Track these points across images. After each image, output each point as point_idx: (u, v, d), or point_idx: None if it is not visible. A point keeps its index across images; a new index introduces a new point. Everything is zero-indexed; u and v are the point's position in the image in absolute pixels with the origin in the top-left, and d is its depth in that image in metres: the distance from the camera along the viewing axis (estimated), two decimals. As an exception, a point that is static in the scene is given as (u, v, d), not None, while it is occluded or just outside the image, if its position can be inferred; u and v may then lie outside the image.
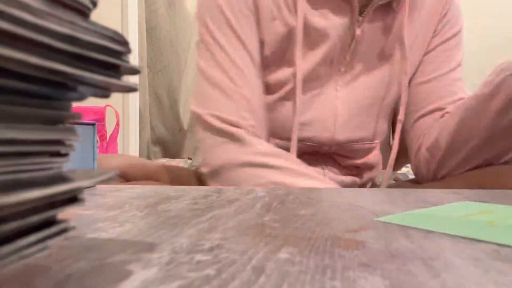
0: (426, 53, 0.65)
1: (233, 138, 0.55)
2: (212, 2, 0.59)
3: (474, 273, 0.15)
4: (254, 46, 0.59)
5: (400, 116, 0.64)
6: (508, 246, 0.19)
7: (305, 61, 0.60)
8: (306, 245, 0.19)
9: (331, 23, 0.59)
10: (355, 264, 0.16)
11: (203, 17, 0.60)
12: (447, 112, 0.62)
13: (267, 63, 0.61)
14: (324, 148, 0.63)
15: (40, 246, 0.12)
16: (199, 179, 0.65)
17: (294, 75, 0.60)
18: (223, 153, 0.55)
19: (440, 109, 0.63)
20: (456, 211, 0.28)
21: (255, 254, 0.17)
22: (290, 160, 0.54)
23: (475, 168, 0.56)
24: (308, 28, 0.59)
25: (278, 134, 0.62)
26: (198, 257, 0.17)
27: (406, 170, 1.20)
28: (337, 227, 0.22)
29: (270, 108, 0.62)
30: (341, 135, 0.62)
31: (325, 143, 0.63)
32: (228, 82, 0.57)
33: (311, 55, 0.60)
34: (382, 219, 0.25)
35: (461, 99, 0.62)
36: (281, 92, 0.61)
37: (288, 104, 0.61)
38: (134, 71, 0.15)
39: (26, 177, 0.12)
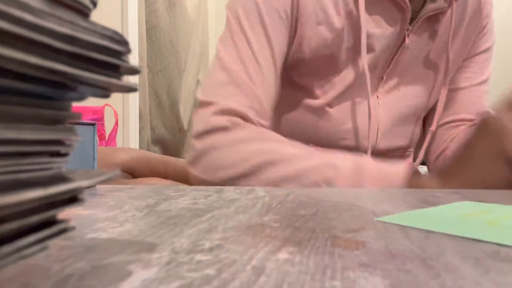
0: (462, 61, 0.66)
1: (233, 126, 0.51)
2: None
3: (474, 273, 0.15)
4: (279, 50, 0.56)
5: (433, 127, 0.64)
6: (508, 246, 0.19)
7: (351, 67, 0.59)
8: (306, 245, 0.19)
9: (383, 30, 0.58)
10: (355, 264, 0.16)
11: (235, 5, 0.57)
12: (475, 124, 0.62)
13: (311, 70, 0.59)
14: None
15: (40, 246, 0.12)
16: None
17: (340, 81, 0.59)
18: (218, 138, 0.51)
19: (469, 119, 0.64)
20: (456, 211, 0.28)
21: (255, 254, 0.17)
22: (282, 140, 0.51)
23: None
24: (360, 34, 0.57)
25: (319, 142, 0.61)
26: (198, 257, 0.17)
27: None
28: (337, 227, 0.22)
29: (313, 115, 0.61)
30: (382, 144, 0.62)
31: (366, 152, 0.61)
32: (244, 77, 0.54)
33: (358, 61, 0.59)
34: (382, 219, 0.25)
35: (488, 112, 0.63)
36: (326, 99, 0.60)
37: (332, 111, 0.60)
38: (134, 71, 0.15)
39: (26, 177, 0.12)
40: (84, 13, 0.13)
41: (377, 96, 0.61)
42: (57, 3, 0.12)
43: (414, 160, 0.68)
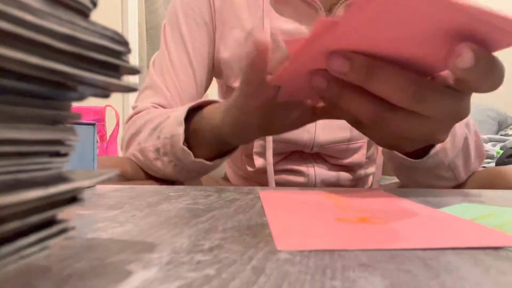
0: None
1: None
2: (172, 7, 0.67)
3: (474, 273, 0.15)
4: (198, 55, 0.64)
5: None
6: (508, 246, 0.19)
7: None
8: (306, 245, 0.19)
9: (297, 26, 0.61)
10: (355, 264, 0.16)
11: (164, 23, 0.69)
12: None
13: (236, 71, 0.64)
14: (306, 149, 0.63)
15: (40, 246, 0.12)
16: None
17: None
18: (127, 132, 0.60)
19: None
20: (459, 215, 0.28)
21: (255, 254, 0.17)
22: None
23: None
24: (274, 34, 0.61)
25: (262, 137, 0.63)
26: (198, 257, 0.17)
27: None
28: (337, 227, 0.22)
29: None
30: (322, 137, 0.63)
31: (306, 145, 0.63)
32: (159, 82, 0.63)
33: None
34: (382, 219, 0.25)
35: None
36: None
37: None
38: (134, 71, 0.15)
39: (26, 177, 0.12)
40: (84, 13, 0.13)
41: None
42: (57, 3, 0.12)
43: (368, 150, 0.68)
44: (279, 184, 0.66)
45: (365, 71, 0.28)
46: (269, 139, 0.61)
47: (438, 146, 0.44)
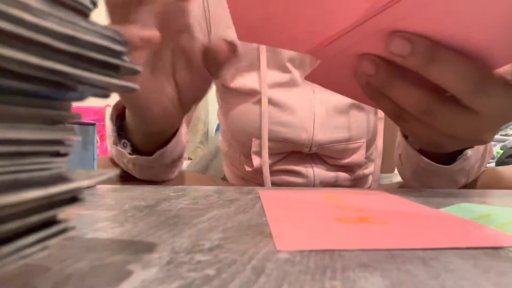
0: None
1: None
2: None
3: (474, 273, 0.15)
4: None
5: (380, 113, 0.63)
6: (508, 246, 0.19)
7: (272, 66, 0.62)
8: (306, 245, 0.19)
9: None
10: (355, 264, 0.16)
11: None
12: None
13: (236, 71, 0.64)
14: (304, 149, 0.63)
15: (40, 246, 0.12)
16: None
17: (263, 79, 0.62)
18: None
19: None
20: (460, 215, 0.28)
21: (255, 254, 0.17)
22: None
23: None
24: None
25: (257, 135, 0.63)
26: (198, 257, 0.17)
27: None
28: (337, 227, 0.22)
29: (248, 109, 0.64)
30: (320, 136, 0.62)
31: (304, 144, 0.63)
32: None
33: (277, 60, 0.62)
34: (382, 219, 0.25)
35: None
36: (258, 96, 0.62)
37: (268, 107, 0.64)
38: (134, 71, 0.15)
39: (26, 177, 0.12)
40: (84, 13, 0.13)
41: (313, 91, 0.62)
42: (57, 3, 0.12)
43: (367, 150, 0.67)
44: (278, 185, 0.66)
45: (429, 54, 0.27)
46: (265, 138, 0.61)
47: (469, 152, 0.43)
